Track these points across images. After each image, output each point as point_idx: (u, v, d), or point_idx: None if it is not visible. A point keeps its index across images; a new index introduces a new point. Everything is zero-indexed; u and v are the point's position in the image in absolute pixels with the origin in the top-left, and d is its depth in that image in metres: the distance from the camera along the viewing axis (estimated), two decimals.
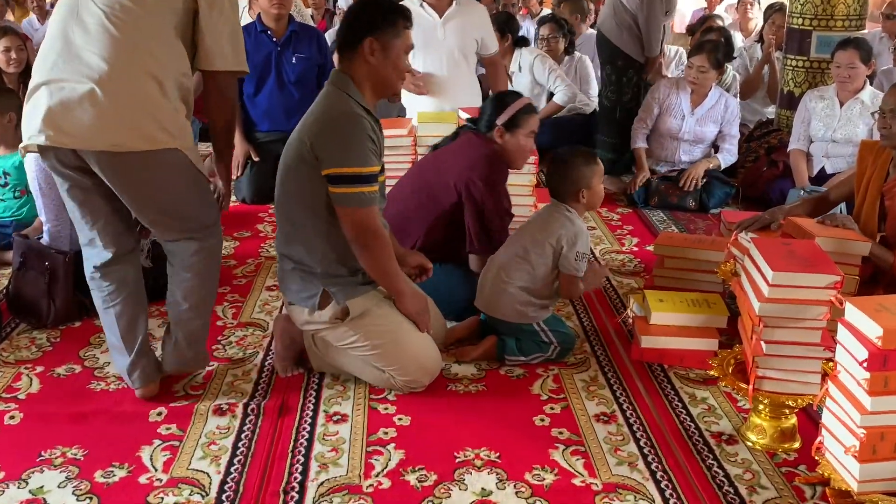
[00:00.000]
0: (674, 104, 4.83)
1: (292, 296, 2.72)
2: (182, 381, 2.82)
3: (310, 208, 2.61)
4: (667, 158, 4.94)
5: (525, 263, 2.95)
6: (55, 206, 3.26)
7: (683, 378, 2.89)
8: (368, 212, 2.57)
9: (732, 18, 8.69)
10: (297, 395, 2.74)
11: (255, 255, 4.02)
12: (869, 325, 1.99)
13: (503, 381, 2.86)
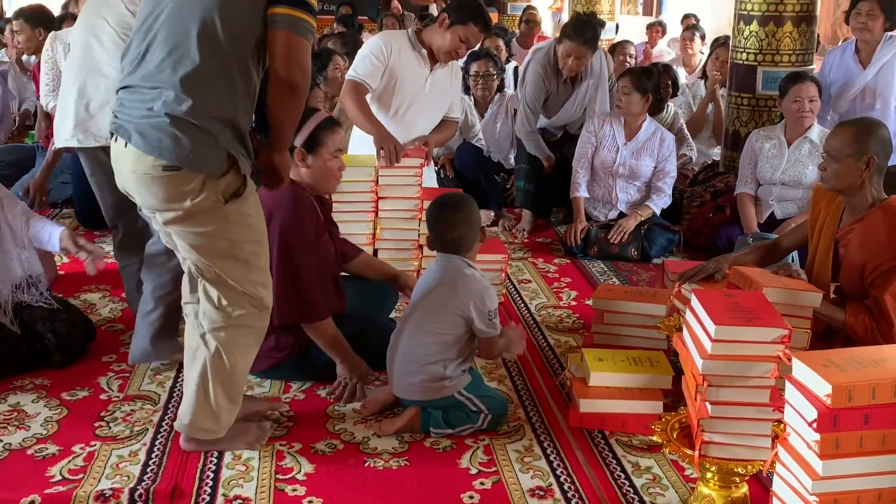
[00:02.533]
0: (607, 136, 5.00)
1: (186, 158, 2.49)
2: (59, 464, 2.74)
3: (239, 46, 2.55)
4: (603, 198, 5.07)
5: (431, 337, 2.97)
6: None
7: (626, 445, 2.92)
8: (307, 44, 2.57)
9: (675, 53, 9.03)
10: (192, 478, 2.69)
11: None
12: (817, 382, 2.06)
13: (428, 455, 2.85)
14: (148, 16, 2.59)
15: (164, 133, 2.49)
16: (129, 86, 2.61)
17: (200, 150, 2.51)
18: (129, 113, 2.57)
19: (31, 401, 3.16)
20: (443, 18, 4.26)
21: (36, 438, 2.91)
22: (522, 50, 9.15)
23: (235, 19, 2.54)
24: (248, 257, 2.67)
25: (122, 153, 2.58)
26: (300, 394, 3.25)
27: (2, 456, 2.80)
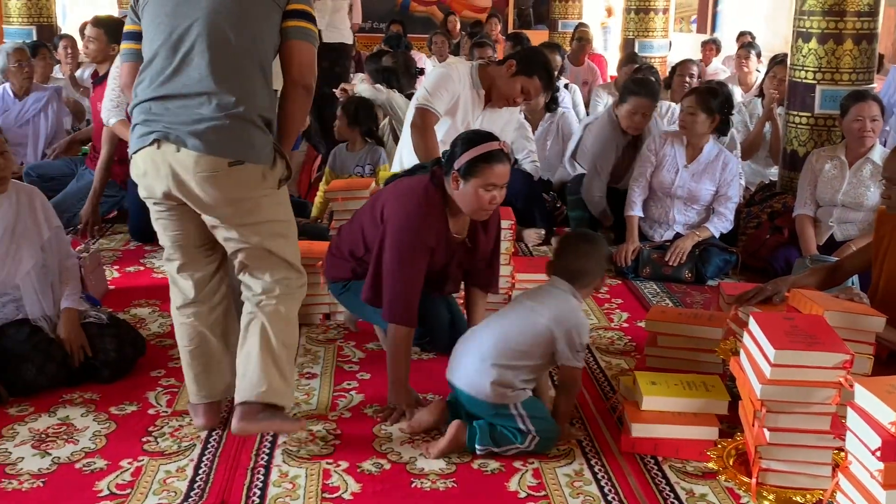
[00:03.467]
0: (668, 156, 4.95)
1: (250, 152, 2.79)
2: (107, 479, 2.77)
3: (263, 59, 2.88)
4: (659, 219, 5.02)
5: (518, 343, 2.96)
6: None
7: (679, 471, 2.88)
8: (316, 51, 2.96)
9: (731, 71, 8.96)
10: (238, 495, 2.71)
11: None
12: (881, 409, 2.02)
13: (476, 477, 2.84)
14: (173, 31, 2.82)
15: (226, 133, 2.75)
16: (166, 95, 2.80)
17: (258, 144, 2.81)
18: (175, 120, 2.77)
19: (80, 414, 3.20)
20: (510, 64, 4.31)
21: (84, 452, 2.95)
22: (574, 67, 9.16)
23: (267, 32, 2.88)
24: (291, 234, 3.01)
25: (175, 157, 2.76)
26: (347, 412, 3.26)
27: (50, 469, 2.84)
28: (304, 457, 2.93)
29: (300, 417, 3.15)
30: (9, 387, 3.27)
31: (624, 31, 10.56)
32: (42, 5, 9.14)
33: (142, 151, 2.82)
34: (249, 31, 2.84)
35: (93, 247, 4.97)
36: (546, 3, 14.10)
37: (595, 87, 8.40)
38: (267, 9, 2.87)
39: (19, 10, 9.02)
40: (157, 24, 2.86)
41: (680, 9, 14.85)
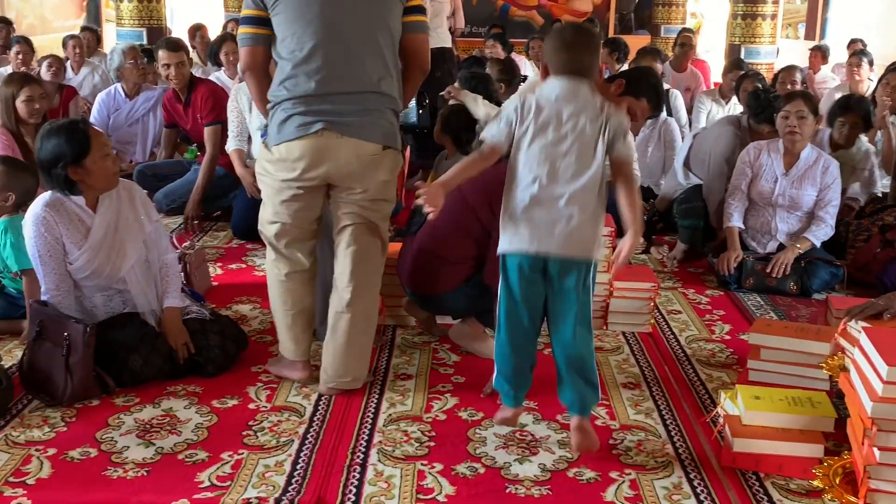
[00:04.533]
0: (764, 166, 4.83)
1: (391, 138, 3.28)
2: (208, 470, 2.84)
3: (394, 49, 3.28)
4: (761, 228, 4.91)
5: (587, 178, 2.81)
6: (56, 275, 3.39)
7: (782, 489, 2.81)
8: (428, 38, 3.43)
9: (841, 79, 8.71)
10: (335, 491, 2.74)
11: None
12: None
13: (571, 485, 2.82)
14: (324, 31, 3.15)
15: (379, 123, 3.24)
16: (326, 93, 3.17)
17: (396, 132, 3.32)
18: (336, 112, 3.17)
19: (183, 406, 3.29)
20: (619, 83, 4.28)
21: (187, 444, 3.03)
22: (676, 74, 9.02)
23: (397, 28, 3.28)
24: (388, 217, 3.45)
25: (338, 143, 3.18)
26: (441, 414, 3.27)
27: (154, 459, 2.92)
28: (399, 457, 2.95)
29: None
30: (116, 378, 3.38)
31: (729, 36, 10.36)
32: (152, 8, 9.46)
33: (302, 140, 3.18)
34: (388, 30, 3.24)
35: (197, 244, 5.10)
36: (649, 8, 13.96)
37: (698, 94, 8.27)
38: (396, 8, 3.26)
39: (131, 12, 9.36)
40: (304, 24, 3.16)
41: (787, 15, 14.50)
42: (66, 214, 3.40)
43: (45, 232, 3.35)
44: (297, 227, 3.35)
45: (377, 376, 3.56)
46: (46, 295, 3.40)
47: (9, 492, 2.71)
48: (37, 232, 3.36)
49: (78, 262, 3.41)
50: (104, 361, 3.36)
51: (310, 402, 3.34)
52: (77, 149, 3.34)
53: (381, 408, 3.30)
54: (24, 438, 3.04)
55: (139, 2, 9.36)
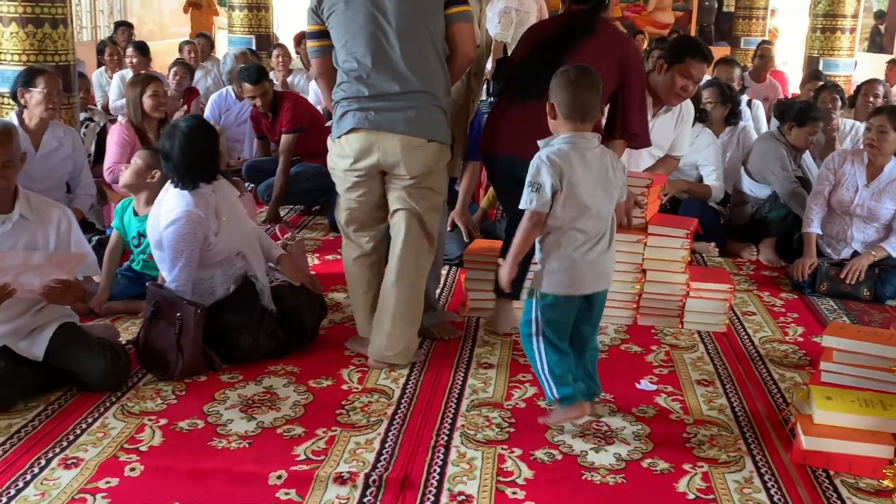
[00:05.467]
0: (847, 175, 4.70)
1: (432, 132, 3.34)
2: (304, 445, 2.89)
3: (439, 44, 3.36)
4: (837, 235, 4.77)
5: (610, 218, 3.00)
6: (191, 269, 3.50)
7: (852, 487, 2.73)
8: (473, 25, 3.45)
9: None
10: (420, 469, 2.76)
11: None
12: None
13: (645, 475, 2.78)
14: (371, 37, 3.27)
15: (424, 118, 3.32)
16: (378, 94, 3.30)
17: (443, 127, 3.40)
18: (386, 108, 3.29)
19: (282, 385, 3.35)
20: (660, 65, 4.25)
21: (285, 419, 3.08)
22: (755, 84, 8.82)
23: (440, 25, 3.35)
24: (441, 210, 3.54)
25: (388, 137, 3.30)
26: (521, 402, 3.26)
27: (255, 432, 2.98)
28: (480, 440, 2.96)
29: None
30: (227, 355, 3.47)
31: (808, 49, 10.08)
32: (261, 17, 9.65)
33: (354, 133, 3.34)
34: (430, 32, 3.32)
35: (297, 235, 5.18)
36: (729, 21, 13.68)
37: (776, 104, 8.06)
38: (437, 8, 3.33)
39: (241, 20, 9.55)
40: (351, 36, 3.30)
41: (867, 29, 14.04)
42: (207, 206, 3.52)
43: (198, 231, 3.47)
44: (362, 213, 3.52)
45: (461, 364, 3.57)
46: (173, 285, 3.50)
47: (123, 457, 2.80)
48: (188, 232, 3.45)
49: (217, 247, 3.53)
50: (217, 341, 3.45)
51: (398, 386, 3.36)
52: (216, 144, 3.60)
53: (464, 394, 3.31)
54: (138, 409, 3.14)
55: (249, 11, 9.55)
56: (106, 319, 3.88)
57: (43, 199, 3.35)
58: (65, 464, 2.74)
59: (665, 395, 3.35)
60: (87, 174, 4.84)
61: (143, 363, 3.46)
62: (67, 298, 3.21)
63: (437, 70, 3.37)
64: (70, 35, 5.19)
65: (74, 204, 4.57)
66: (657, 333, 3.98)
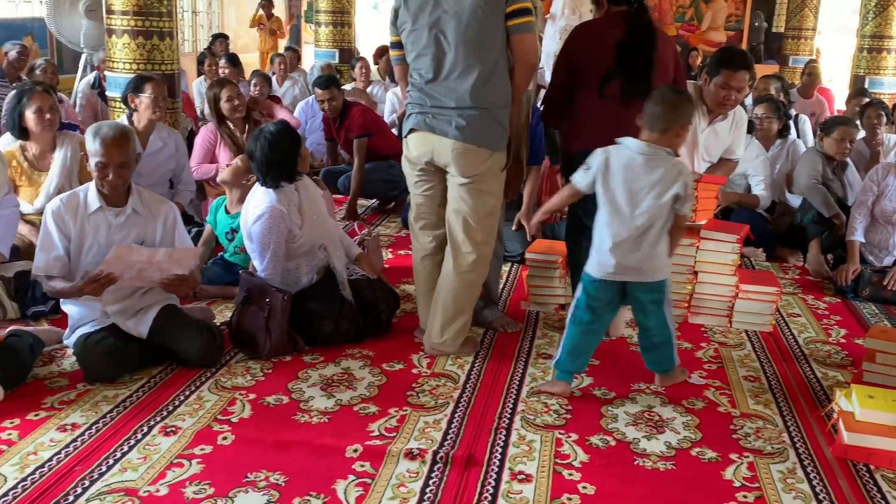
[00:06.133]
0: (890, 186, 4.55)
1: (480, 139, 3.26)
2: (378, 422, 2.91)
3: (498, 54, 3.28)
4: (879, 244, 4.63)
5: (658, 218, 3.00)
6: (278, 260, 3.55)
7: (892, 481, 2.65)
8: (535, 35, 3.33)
9: None
10: (483, 449, 2.75)
11: None
12: None
13: (694, 463, 2.74)
14: (433, 48, 3.27)
15: (472, 125, 3.26)
16: (436, 105, 3.30)
17: (494, 135, 3.31)
18: (439, 113, 3.29)
19: (358, 367, 3.37)
20: (704, 78, 4.15)
21: (361, 398, 3.10)
22: (803, 100, 8.60)
23: (500, 40, 3.27)
24: (494, 212, 3.42)
25: (438, 139, 3.31)
26: (577, 391, 3.23)
27: (334, 409, 3.01)
28: (539, 425, 2.94)
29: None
30: (310, 339, 3.51)
31: (854, 68, 9.81)
32: (344, 32, 9.72)
33: (417, 133, 3.38)
34: (487, 49, 3.24)
35: (374, 231, 5.22)
36: (778, 40, 13.38)
37: (822, 119, 7.85)
38: (497, 26, 3.24)
39: (326, 36, 9.65)
40: (416, 53, 3.33)
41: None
42: (290, 203, 3.56)
43: (282, 225, 3.52)
44: (426, 208, 3.52)
45: (521, 354, 3.56)
46: (263, 273, 3.55)
47: (217, 427, 2.85)
48: (273, 226, 3.51)
49: (301, 240, 3.58)
50: (301, 325, 3.49)
51: (463, 372, 3.36)
52: (298, 148, 3.65)
53: (524, 381, 3.29)
54: (230, 384, 3.19)
55: (333, 27, 9.63)
56: (203, 303, 3.96)
57: (153, 195, 3.43)
58: (164, 431, 2.81)
59: (713, 388, 3.29)
60: (188, 172, 4.94)
61: (235, 343, 3.52)
62: (183, 290, 3.31)
63: (494, 86, 3.29)
64: (175, 46, 5.29)
65: (176, 199, 4.68)
66: (707, 332, 3.91)
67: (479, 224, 3.38)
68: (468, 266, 3.41)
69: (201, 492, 2.45)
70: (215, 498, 2.42)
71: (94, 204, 3.26)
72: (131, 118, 4.68)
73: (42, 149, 4.22)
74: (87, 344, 3.17)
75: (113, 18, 5.11)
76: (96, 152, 3.18)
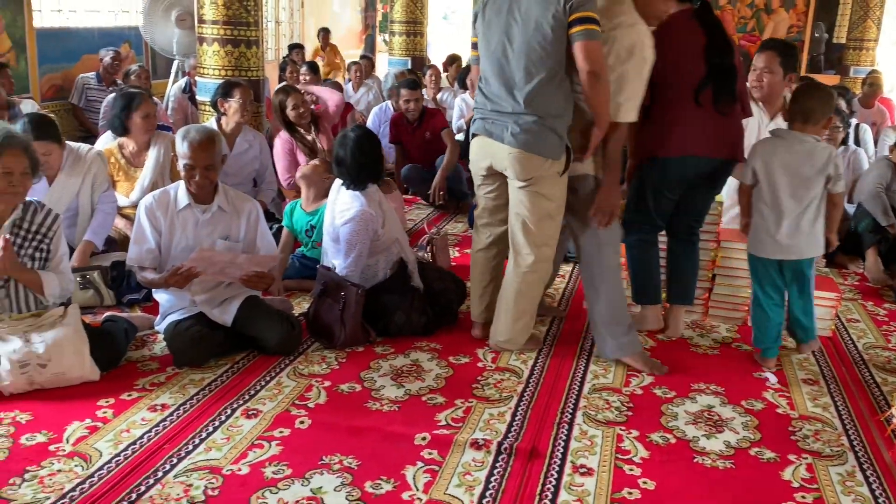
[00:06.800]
0: None
1: (533, 147, 3.17)
2: (445, 412, 2.90)
3: (558, 64, 3.14)
4: None
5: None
6: (362, 260, 3.58)
7: None
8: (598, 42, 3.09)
9: None
10: (546, 442, 2.72)
11: None
12: None
13: (753, 462, 2.66)
14: (496, 58, 3.22)
15: (526, 133, 3.17)
16: (496, 110, 3.25)
17: (549, 142, 3.17)
18: (497, 120, 3.25)
19: (426, 359, 3.37)
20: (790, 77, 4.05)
21: (429, 389, 3.10)
22: (864, 110, 8.31)
23: (562, 50, 3.12)
24: (554, 217, 3.31)
25: (496, 145, 3.27)
26: (639, 389, 3.17)
27: (403, 398, 3.01)
28: (601, 421, 2.90)
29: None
30: (383, 330, 3.54)
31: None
32: (416, 42, 9.75)
33: (478, 137, 3.37)
34: (550, 57, 3.12)
35: (442, 230, 5.22)
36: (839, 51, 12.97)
37: (883, 128, 7.57)
38: (559, 35, 3.10)
39: (400, 45, 9.69)
40: (484, 59, 3.30)
41: None
42: (376, 203, 3.59)
43: (370, 227, 3.55)
44: (487, 209, 3.51)
45: (583, 352, 3.51)
46: (344, 271, 3.57)
47: (294, 411, 2.88)
48: (362, 229, 3.53)
49: (383, 237, 3.62)
50: (374, 318, 3.51)
51: (527, 367, 3.33)
52: (380, 150, 3.71)
53: (585, 378, 3.25)
54: (307, 371, 3.22)
55: (406, 36, 9.68)
56: (282, 294, 4.01)
57: (238, 193, 3.49)
58: (246, 414, 2.85)
59: (773, 390, 3.20)
60: (271, 172, 5.01)
61: (312, 333, 3.55)
62: (260, 286, 3.36)
63: (551, 95, 3.16)
64: (260, 54, 5.37)
65: (259, 197, 4.75)
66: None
67: (538, 227, 3.30)
68: (528, 267, 3.34)
69: (280, 472, 2.48)
70: (293, 478, 2.45)
71: (183, 201, 3.33)
72: (220, 121, 4.77)
73: (138, 147, 4.34)
74: (177, 330, 3.24)
75: (204, 27, 5.21)
76: (185, 155, 3.25)
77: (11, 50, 6.73)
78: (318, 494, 2.37)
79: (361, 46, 13.79)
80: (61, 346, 2.94)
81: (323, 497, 2.36)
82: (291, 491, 2.38)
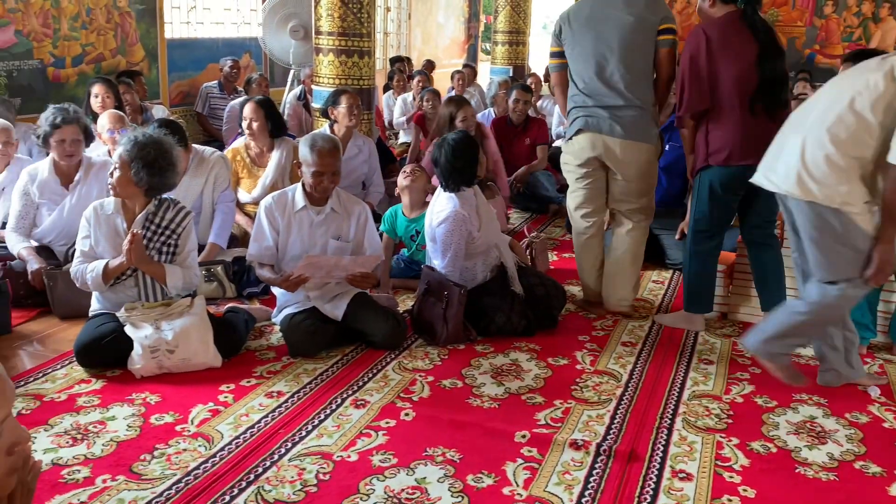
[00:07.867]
0: None
1: (640, 135, 3.61)
2: (544, 411, 2.89)
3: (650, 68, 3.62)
4: None
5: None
6: (460, 260, 3.60)
7: None
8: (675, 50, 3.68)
9: None
10: (645, 446, 2.67)
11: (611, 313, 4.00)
12: None
13: (857, 475, 2.54)
14: (597, 61, 3.59)
15: (633, 124, 3.61)
16: (602, 104, 3.62)
17: (650, 131, 3.66)
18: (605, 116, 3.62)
19: (525, 359, 3.36)
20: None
21: (528, 388, 3.09)
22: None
23: (650, 54, 3.62)
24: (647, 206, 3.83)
25: (606, 138, 3.63)
26: (739, 398, 3.07)
27: (503, 396, 3.01)
28: (700, 427, 2.82)
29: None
30: (484, 329, 3.54)
31: None
32: (518, 51, 9.78)
33: (584, 133, 3.67)
34: (644, 57, 3.60)
35: (542, 234, 5.19)
36: None
37: None
38: (650, 39, 3.59)
39: (502, 54, 9.73)
40: (582, 60, 3.64)
41: None
42: (470, 207, 3.62)
43: (464, 228, 3.57)
44: (587, 199, 3.82)
45: (683, 359, 3.43)
46: (443, 271, 3.59)
47: (400, 403, 2.93)
48: (455, 228, 3.55)
49: (479, 241, 3.63)
50: (475, 318, 3.52)
51: (626, 371, 3.28)
52: (477, 155, 3.72)
53: (685, 384, 3.18)
54: (411, 366, 3.27)
55: (509, 46, 9.70)
56: (388, 292, 4.07)
57: (348, 196, 3.57)
58: (355, 404, 2.91)
59: (878, 404, 3.04)
60: (379, 175, 5.10)
61: (416, 330, 3.60)
62: (364, 285, 3.43)
63: (649, 89, 3.65)
64: (372, 64, 5.47)
65: (368, 199, 4.84)
66: (871, 347, 3.61)
67: (642, 221, 3.82)
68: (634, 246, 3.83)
69: (386, 461, 2.52)
70: (398, 468, 2.49)
71: (299, 203, 3.43)
72: (332, 128, 4.89)
73: (262, 148, 4.52)
74: (292, 323, 3.33)
75: (320, 38, 5.35)
76: (313, 162, 3.34)
77: (145, 59, 7.09)
78: (422, 484, 2.40)
79: (464, 56, 13.88)
80: (188, 333, 3.08)
81: (427, 487, 2.39)
82: (397, 479, 2.42)
